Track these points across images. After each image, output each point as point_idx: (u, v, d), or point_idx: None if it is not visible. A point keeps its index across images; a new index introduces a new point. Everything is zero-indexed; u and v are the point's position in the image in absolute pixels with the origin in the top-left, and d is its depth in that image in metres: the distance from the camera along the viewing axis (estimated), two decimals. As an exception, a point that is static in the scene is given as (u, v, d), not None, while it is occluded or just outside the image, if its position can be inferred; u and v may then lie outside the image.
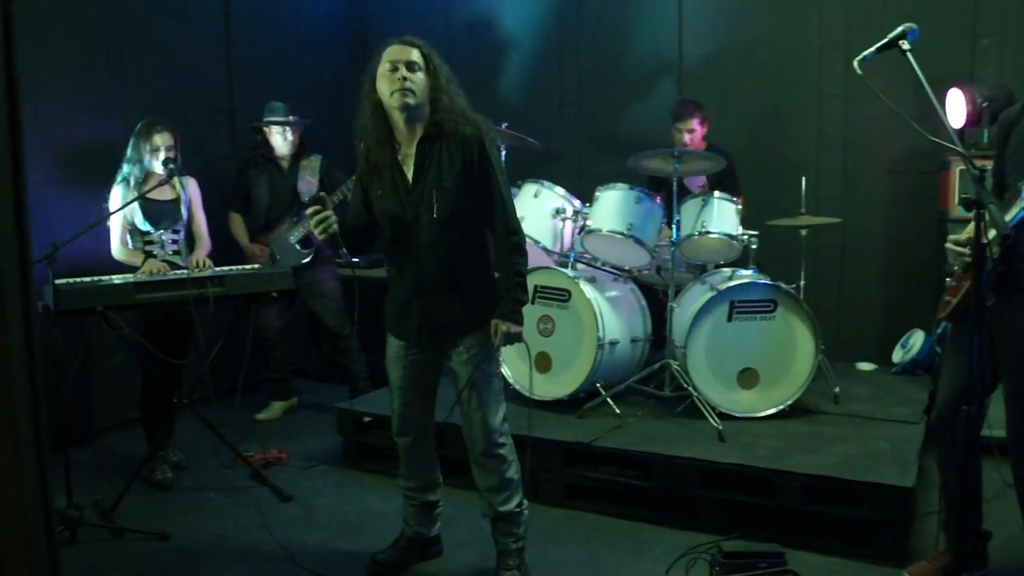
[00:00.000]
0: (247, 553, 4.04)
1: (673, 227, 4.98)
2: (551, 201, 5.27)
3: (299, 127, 5.85)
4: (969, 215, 2.84)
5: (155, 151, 4.75)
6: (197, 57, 6.35)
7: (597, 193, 5.17)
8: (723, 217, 5.03)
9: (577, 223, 5.24)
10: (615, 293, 5.22)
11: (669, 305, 5.01)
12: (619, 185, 5.17)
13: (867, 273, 6.24)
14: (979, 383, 3.30)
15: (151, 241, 4.85)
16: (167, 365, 4.64)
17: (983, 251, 2.81)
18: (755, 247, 5.12)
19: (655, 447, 4.38)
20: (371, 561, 3.84)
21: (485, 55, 7.31)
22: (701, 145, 5.72)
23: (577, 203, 5.31)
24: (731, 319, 4.85)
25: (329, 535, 4.23)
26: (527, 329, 3.61)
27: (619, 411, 4.84)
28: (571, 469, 4.51)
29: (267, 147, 5.87)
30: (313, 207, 3.37)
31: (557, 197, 5.29)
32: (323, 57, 7.35)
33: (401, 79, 3.32)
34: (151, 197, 4.77)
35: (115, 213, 4.70)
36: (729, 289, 4.83)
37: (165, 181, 4.76)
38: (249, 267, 4.99)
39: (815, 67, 6.22)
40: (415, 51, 3.39)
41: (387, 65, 3.35)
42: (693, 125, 5.68)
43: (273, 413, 6.18)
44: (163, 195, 4.84)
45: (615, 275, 5.35)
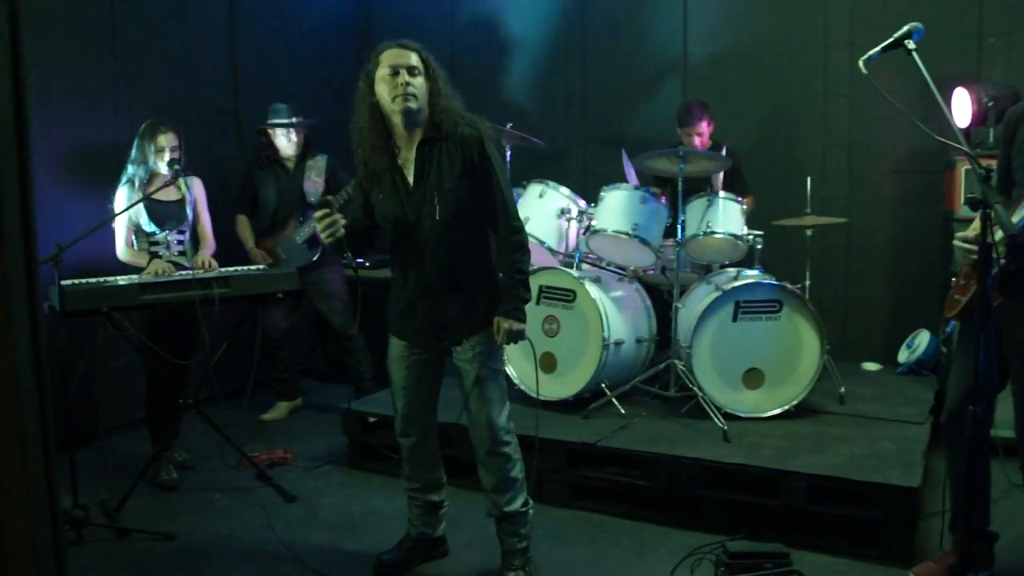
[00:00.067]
0: (252, 553, 4.04)
1: (678, 227, 4.99)
2: (556, 201, 5.27)
3: (304, 128, 5.86)
4: (975, 215, 2.83)
5: (159, 152, 4.75)
6: (202, 58, 6.36)
7: (602, 193, 5.17)
8: (728, 217, 5.03)
9: (582, 223, 5.23)
10: (620, 293, 5.22)
11: (674, 305, 5.01)
12: (624, 185, 5.18)
13: (872, 273, 6.24)
14: (986, 383, 3.30)
15: (156, 242, 4.85)
16: (172, 366, 4.64)
17: (989, 251, 2.80)
18: (760, 247, 5.12)
19: (660, 447, 4.38)
20: (376, 561, 3.84)
21: (490, 55, 7.31)
22: (708, 145, 5.71)
23: (582, 203, 5.31)
24: (736, 319, 4.85)
25: (334, 535, 4.23)
26: (532, 329, 3.61)
27: (624, 411, 4.83)
28: (576, 469, 4.51)
29: (272, 149, 5.87)
30: (322, 211, 3.38)
31: (562, 197, 5.28)
32: (328, 57, 7.36)
33: (403, 84, 3.32)
34: (156, 198, 4.77)
35: (120, 214, 4.70)
36: (734, 289, 4.83)
37: (171, 182, 4.75)
38: (254, 268, 4.98)
39: (820, 67, 6.22)
40: (414, 55, 3.38)
41: (387, 69, 3.33)
42: (702, 128, 5.66)
43: (278, 413, 6.19)
44: (168, 196, 4.84)
45: (620, 275, 5.35)
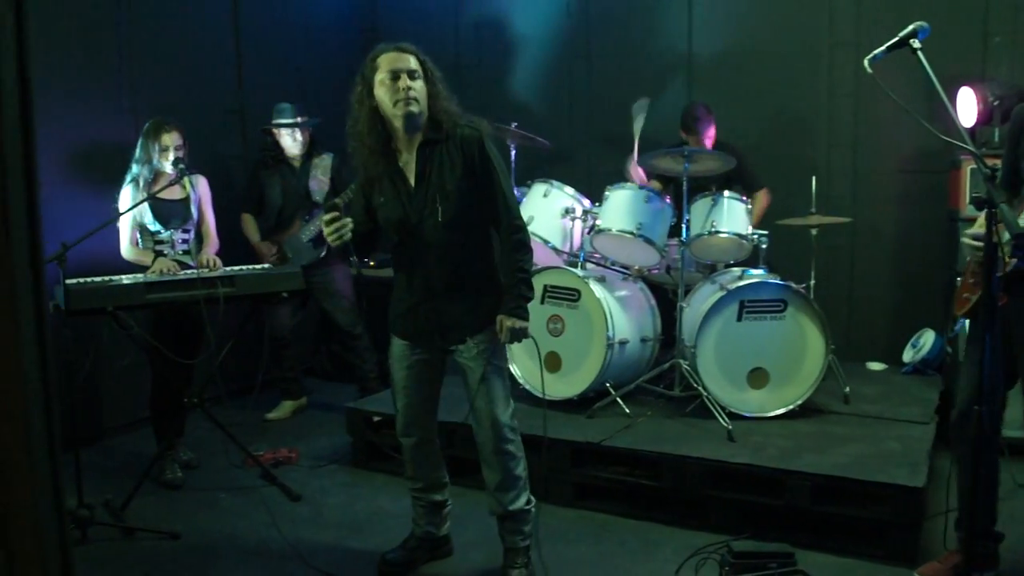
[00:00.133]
0: (257, 552, 4.04)
1: (683, 226, 4.98)
2: (560, 201, 5.27)
3: (309, 127, 5.86)
4: (980, 214, 2.83)
5: (164, 151, 4.75)
6: (207, 57, 6.37)
7: (607, 192, 5.17)
8: (733, 216, 5.02)
9: (587, 223, 5.23)
10: (625, 293, 5.21)
11: (679, 305, 5.01)
12: (629, 184, 5.18)
13: (877, 273, 6.22)
14: (993, 383, 3.29)
15: (161, 241, 4.86)
16: (177, 365, 4.65)
17: (994, 250, 2.79)
18: (765, 247, 5.11)
19: (665, 447, 4.38)
20: (381, 560, 3.84)
21: (494, 54, 7.30)
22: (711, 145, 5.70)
23: (587, 202, 5.31)
24: (741, 319, 4.84)
25: (339, 534, 4.24)
26: (537, 329, 3.61)
27: (629, 411, 4.83)
28: (581, 469, 4.51)
29: (277, 148, 5.87)
30: (330, 215, 3.37)
31: (566, 197, 5.28)
32: (333, 56, 7.35)
33: (405, 88, 3.32)
34: (160, 197, 4.77)
35: (125, 213, 4.71)
36: (739, 289, 4.82)
37: (176, 180, 4.76)
38: (259, 267, 4.99)
39: (825, 66, 6.21)
40: (412, 58, 3.37)
41: (387, 74, 3.32)
42: (709, 135, 5.65)
43: (283, 412, 6.19)
44: (172, 195, 4.84)
45: (625, 275, 5.35)
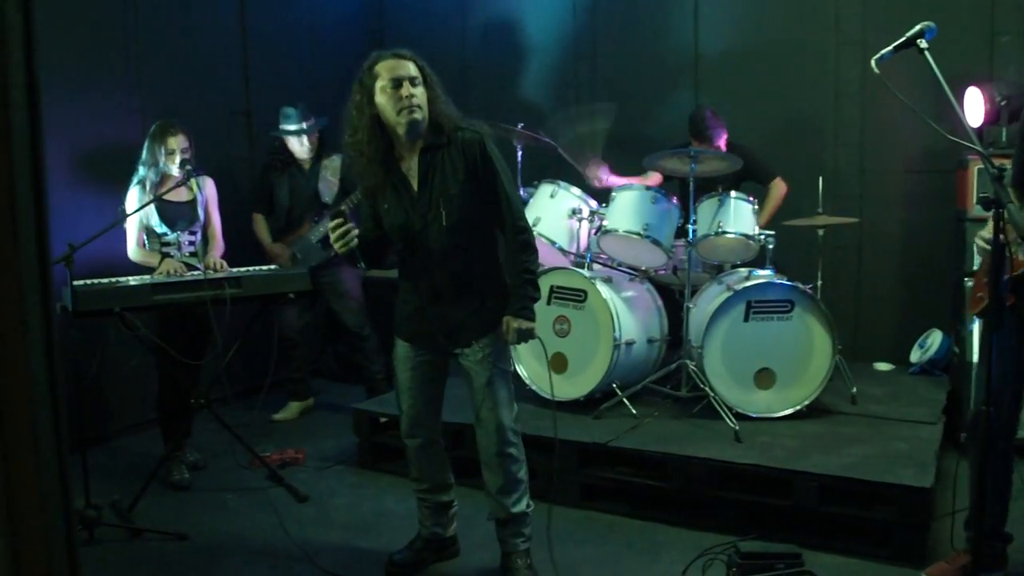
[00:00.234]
0: (264, 553, 4.05)
1: (689, 227, 4.98)
2: (567, 201, 5.27)
3: (315, 131, 5.86)
4: (988, 214, 2.82)
5: (170, 154, 4.75)
6: (213, 59, 6.38)
7: (613, 193, 5.17)
8: (739, 217, 5.01)
9: (593, 223, 5.23)
10: (631, 293, 5.21)
11: (685, 305, 5.00)
12: (635, 185, 5.17)
13: (884, 273, 6.21)
14: (1001, 383, 3.29)
15: (168, 243, 4.87)
16: (184, 366, 4.66)
17: (1002, 250, 2.79)
18: (772, 247, 5.10)
19: (671, 447, 4.38)
20: (388, 561, 3.85)
21: (500, 55, 7.30)
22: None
23: (593, 203, 5.30)
24: (748, 319, 4.84)
25: (346, 535, 4.24)
26: (544, 330, 3.61)
27: (635, 411, 4.83)
28: (587, 469, 4.51)
29: (286, 152, 5.89)
30: (335, 221, 3.38)
31: (573, 197, 5.28)
32: (339, 58, 7.33)
33: (408, 96, 3.32)
34: (167, 199, 4.78)
35: (132, 215, 4.71)
36: (746, 289, 4.82)
37: (183, 182, 4.76)
38: (266, 268, 4.99)
39: (832, 66, 6.20)
40: (411, 64, 3.37)
41: (389, 81, 3.31)
42: (723, 138, 5.62)
43: (290, 413, 6.20)
44: (179, 197, 4.85)
45: (631, 275, 5.35)
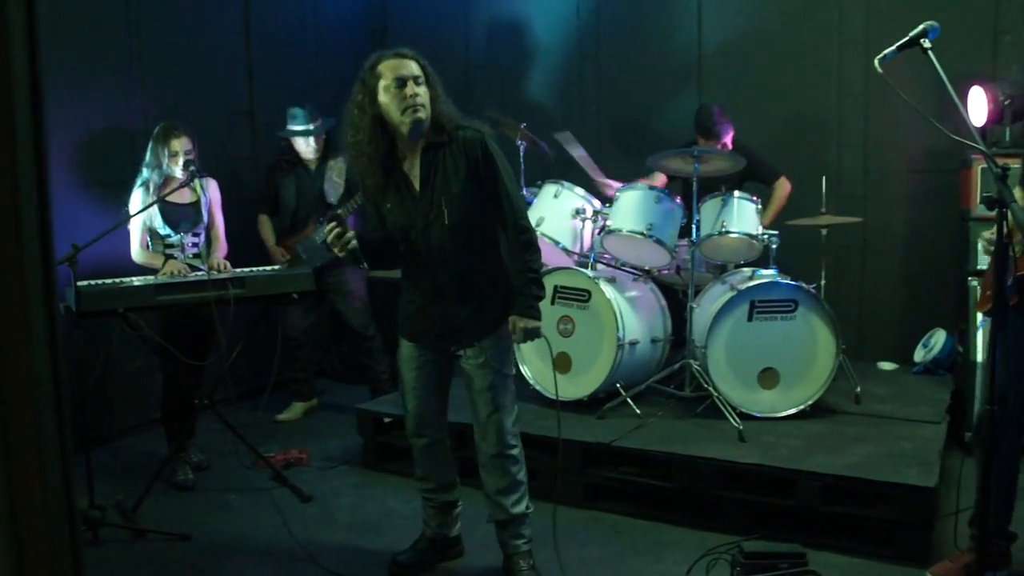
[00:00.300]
0: (268, 553, 4.05)
1: (693, 227, 4.98)
2: (571, 201, 5.26)
3: (321, 131, 5.86)
4: (991, 213, 2.82)
5: (173, 156, 4.74)
6: (217, 59, 6.39)
7: (617, 193, 5.17)
8: (743, 217, 5.01)
9: (597, 223, 5.23)
10: (635, 293, 5.21)
11: (689, 305, 5.00)
12: (639, 185, 5.17)
13: (888, 272, 6.20)
14: (1005, 383, 3.28)
15: (171, 244, 4.86)
16: (188, 366, 4.66)
17: (1005, 250, 2.78)
18: (775, 247, 5.10)
19: (675, 447, 4.37)
20: (392, 562, 3.85)
21: (504, 56, 7.30)
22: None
23: (597, 203, 5.30)
24: (751, 319, 4.83)
25: (350, 535, 4.25)
26: (547, 330, 3.60)
27: (639, 411, 4.83)
28: (591, 469, 4.51)
29: (292, 152, 5.89)
30: (330, 225, 3.37)
31: (577, 197, 5.27)
32: (343, 58, 7.33)
33: (412, 95, 3.32)
34: (170, 200, 4.78)
35: (135, 216, 4.72)
36: (749, 289, 4.81)
37: (187, 183, 4.77)
38: (269, 268, 4.99)
39: (835, 66, 6.19)
40: (414, 63, 3.37)
41: (393, 81, 3.32)
42: (730, 136, 5.63)
43: (294, 414, 6.20)
44: (182, 198, 4.85)
45: (635, 275, 5.34)
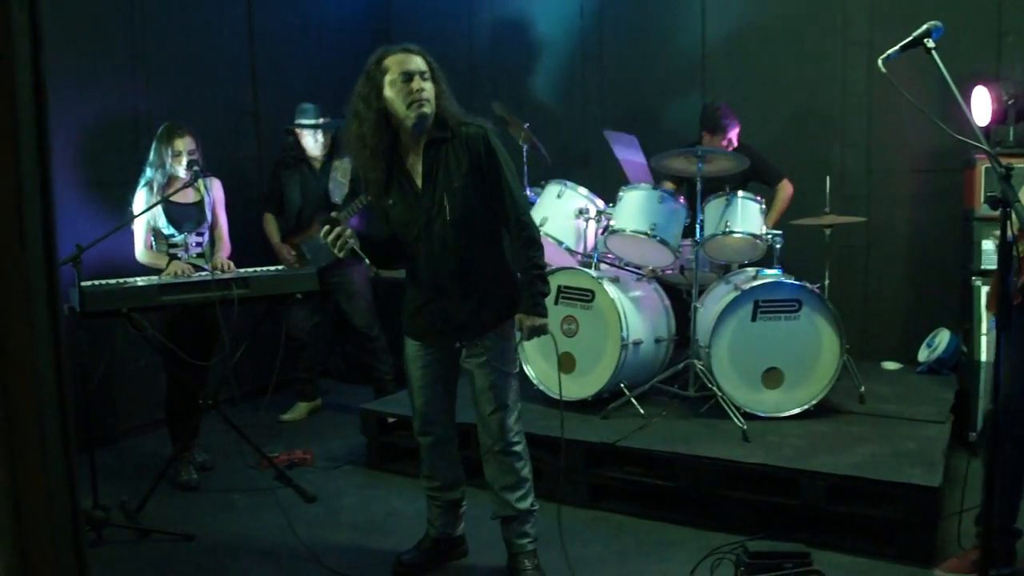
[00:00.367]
0: (272, 553, 4.06)
1: (697, 227, 4.97)
2: (574, 201, 5.26)
3: (330, 129, 5.87)
4: (995, 213, 2.82)
5: (177, 156, 4.75)
6: (221, 60, 6.39)
7: (621, 193, 5.16)
8: (747, 216, 5.00)
9: (600, 223, 5.23)
10: (639, 293, 5.21)
11: (693, 305, 4.99)
12: (643, 185, 5.17)
13: (892, 272, 6.20)
14: (1009, 383, 3.28)
15: (175, 244, 4.87)
16: (192, 366, 4.66)
17: (1009, 250, 2.78)
18: (779, 246, 5.09)
19: (679, 447, 4.37)
20: (396, 562, 3.85)
21: (508, 55, 7.29)
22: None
23: (600, 203, 5.30)
24: (755, 319, 4.83)
25: (354, 535, 4.25)
26: (551, 329, 3.60)
27: (643, 411, 4.82)
28: (596, 469, 4.51)
29: (299, 148, 5.89)
30: (325, 228, 3.37)
31: (580, 197, 5.27)
32: (346, 57, 7.32)
33: (419, 90, 3.32)
34: (174, 200, 4.79)
35: (139, 216, 4.72)
36: (753, 289, 4.81)
37: (190, 183, 4.77)
38: (273, 268, 5.00)
39: (839, 66, 6.18)
40: (420, 59, 3.38)
41: (400, 75, 3.32)
42: (736, 132, 5.63)
43: (298, 414, 6.20)
44: (186, 198, 4.86)
45: (639, 275, 5.34)
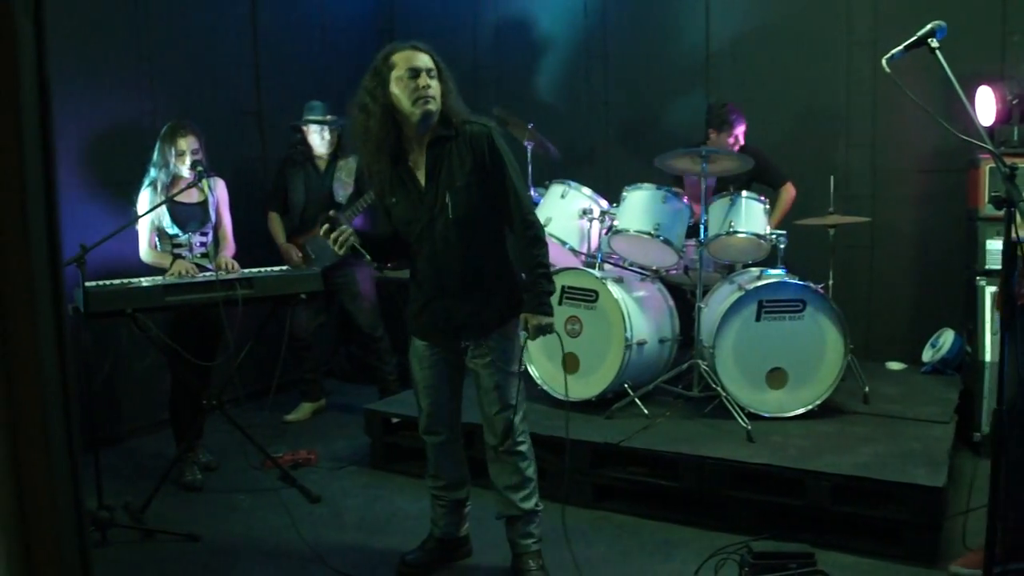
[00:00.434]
0: (276, 554, 4.06)
1: (701, 227, 4.97)
2: (578, 202, 5.26)
3: (337, 127, 5.87)
4: (1000, 213, 2.81)
5: (180, 155, 4.76)
6: (225, 59, 6.40)
7: (624, 193, 5.16)
8: (751, 217, 5.00)
9: (604, 223, 5.22)
10: (643, 293, 5.20)
11: (697, 305, 4.99)
12: (646, 185, 5.16)
13: (896, 272, 6.19)
14: (1012, 382, 3.27)
15: (179, 244, 4.88)
16: (196, 367, 4.67)
17: (1013, 249, 2.78)
18: (783, 246, 5.09)
19: (683, 447, 4.37)
20: (400, 562, 3.85)
21: (512, 55, 7.29)
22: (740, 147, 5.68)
23: (604, 203, 5.29)
24: (759, 319, 4.82)
25: (358, 536, 4.25)
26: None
27: (647, 411, 4.82)
28: (600, 470, 4.50)
29: (305, 146, 5.91)
30: (324, 227, 3.38)
31: (584, 197, 5.27)
32: (350, 58, 7.34)
33: (424, 87, 3.33)
34: (178, 200, 4.79)
35: (143, 216, 4.73)
36: (757, 289, 4.81)
37: (194, 183, 4.78)
38: (278, 269, 5.00)
39: (843, 66, 6.17)
40: (427, 56, 3.38)
41: (407, 71, 3.32)
42: (743, 130, 5.63)
43: (302, 414, 6.21)
44: (190, 198, 4.87)
45: (643, 275, 5.34)
